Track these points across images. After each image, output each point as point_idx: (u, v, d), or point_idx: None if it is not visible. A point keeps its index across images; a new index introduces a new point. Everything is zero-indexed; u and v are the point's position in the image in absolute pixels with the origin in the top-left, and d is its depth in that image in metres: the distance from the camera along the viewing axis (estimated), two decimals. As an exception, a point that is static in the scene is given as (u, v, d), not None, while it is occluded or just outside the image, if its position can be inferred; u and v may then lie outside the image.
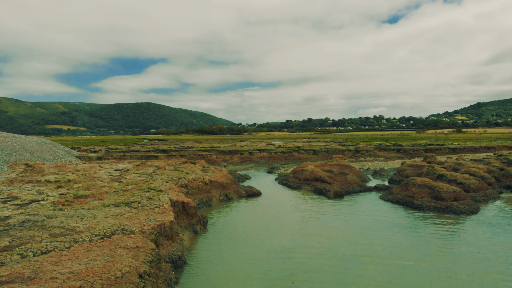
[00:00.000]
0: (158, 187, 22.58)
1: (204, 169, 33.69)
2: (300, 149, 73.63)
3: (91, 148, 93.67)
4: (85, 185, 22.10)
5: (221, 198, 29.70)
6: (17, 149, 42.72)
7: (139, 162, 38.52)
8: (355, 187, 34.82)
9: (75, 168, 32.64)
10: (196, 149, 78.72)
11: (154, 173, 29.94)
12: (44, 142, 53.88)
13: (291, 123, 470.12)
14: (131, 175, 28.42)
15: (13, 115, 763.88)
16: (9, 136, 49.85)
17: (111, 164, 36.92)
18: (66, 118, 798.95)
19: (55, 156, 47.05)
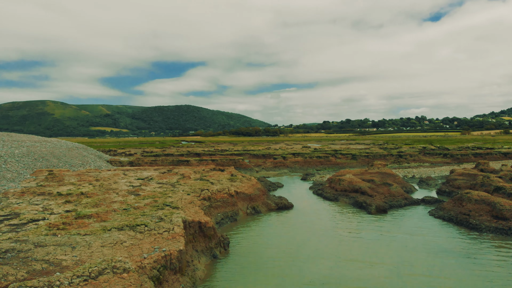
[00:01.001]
0: (175, 203, 20.21)
1: (232, 178, 31.14)
2: (337, 153, 69.74)
3: (127, 151, 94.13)
4: (95, 200, 20.09)
5: (248, 212, 27.01)
6: (45, 154, 42.15)
7: (165, 169, 36.65)
8: (400, 200, 31.02)
9: (96, 176, 31.10)
10: (229, 152, 76.70)
11: (177, 183, 27.73)
12: (75, 146, 53.53)
13: (328, 124, 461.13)
14: (152, 186, 26.33)
15: (59, 118, 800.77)
16: (40, 141, 49.77)
17: (136, 172, 35.23)
18: (109, 120, 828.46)
19: (83, 161, 46.26)
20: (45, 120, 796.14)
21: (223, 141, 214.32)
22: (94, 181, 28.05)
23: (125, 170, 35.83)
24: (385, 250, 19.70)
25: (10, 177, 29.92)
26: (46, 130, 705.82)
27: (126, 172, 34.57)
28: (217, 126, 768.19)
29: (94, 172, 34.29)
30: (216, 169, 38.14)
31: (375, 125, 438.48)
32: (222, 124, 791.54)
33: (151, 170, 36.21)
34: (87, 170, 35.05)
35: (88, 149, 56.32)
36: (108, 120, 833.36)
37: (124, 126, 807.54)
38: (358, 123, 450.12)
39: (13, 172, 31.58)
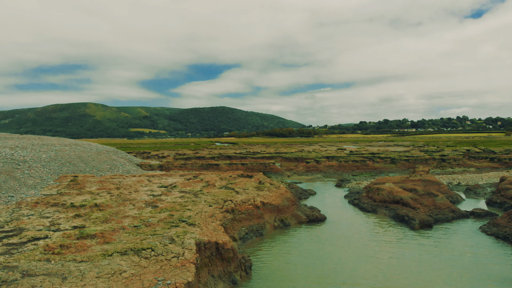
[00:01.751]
0: (193, 218, 18.26)
1: (259, 187, 28.95)
2: (375, 156, 66.00)
3: (160, 153, 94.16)
4: (107, 214, 18.49)
5: (275, 224, 24.70)
6: (73, 159, 41.69)
7: (191, 175, 35.01)
8: (447, 213, 27.67)
9: (119, 183, 29.83)
10: (261, 155, 74.60)
11: (200, 192, 25.86)
12: (105, 150, 53.20)
13: (365, 125, 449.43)
14: (173, 195, 24.60)
15: (100, 119, 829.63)
16: (70, 144, 49.71)
17: (161, 178, 33.80)
18: (148, 121, 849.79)
19: (112, 165, 45.57)
20: (86, 121, 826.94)
21: (256, 142, 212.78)
22: (114, 189, 26.71)
23: (150, 176, 34.48)
24: (434, 276, 16.86)
25: (32, 183, 29.19)
26: (88, 131, 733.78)
27: (150, 179, 33.20)
28: (251, 127, 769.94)
29: (118, 178, 33.15)
30: (244, 175, 36.09)
31: (414, 125, 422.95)
32: (256, 125, 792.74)
33: (176, 176, 34.66)
34: (111, 176, 33.98)
35: (118, 152, 55.95)
36: (146, 122, 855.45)
37: (162, 128, 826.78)
38: (397, 123, 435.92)
39: (35, 178, 30.91)
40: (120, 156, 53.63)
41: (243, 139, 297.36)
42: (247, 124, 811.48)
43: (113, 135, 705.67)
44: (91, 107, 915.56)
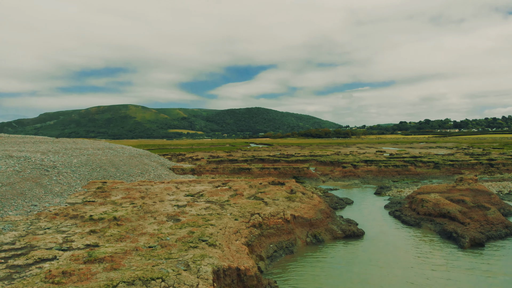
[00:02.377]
0: (215, 236, 16.64)
1: (290, 197, 26.97)
2: (417, 160, 62.13)
3: (194, 155, 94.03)
4: (124, 230, 17.23)
5: (308, 240, 22.65)
6: (104, 163, 41.40)
7: (220, 183, 33.56)
8: (500, 229, 24.55)
9: (146, 191, 28.82)
10: (294, 158, 72.35)
11: (227, 203, 24.27)
12: (138, 154, 52.95)
13: (405, 125, 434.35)
14: (198, 206, 23.14)
15: (140, 121, 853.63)
16: (103, 148, 49.72)
17: (190, 185, 32.58)
18: (186, 123, 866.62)
19: (143, 170, 45.04)
20: (127, 123, 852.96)
21: (291, 143, 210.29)
22: (139, 198, 25.65)
23: (178, 183, 33.34)
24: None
25: (58, 191, 28.72)
26: (129, 132, 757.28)
27: (179, 186, 32.05)
28: (286, 128, 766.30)
29: (146, 185, 32.23)
30: (275, 183, 34.22)
31: (457, 125, 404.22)
32: (291, 126, 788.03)
33: (205, 183, 33.32)
34: (139, 183, 33.14)
35: (151, 156, 55.65)
36: (184, 123, 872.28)
37: (199, 129, 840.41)
38: (438, 123, 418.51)
39: (63, 185, 30.50)
40: (153, 160, 53.21)
41: (278, 140, 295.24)
42: (282, 125, 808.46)
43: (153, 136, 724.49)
44: (132, 109, 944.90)
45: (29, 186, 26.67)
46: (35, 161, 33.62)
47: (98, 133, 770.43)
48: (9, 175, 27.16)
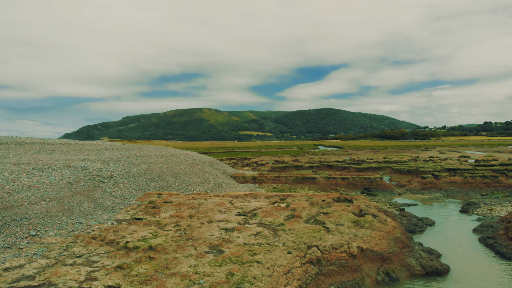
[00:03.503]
0: (259, 279, 13.57)
1: (358, 221, 22.94)
2: (508, 170, 53.72)
3: (259, 160, 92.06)
4: (153, 268, 14.83)
5: (378, 279, 18.61)
6: (163, 172, 40.37)
7: (278, 198, 30.42)
8: None
9: (197, 207, 26.66)
10: (366, 164, 66.79)
11: (281, 228, 21.06)
12: (200, 161, 51.73)
13: (490, 126, 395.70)
14: (248, 232, 20.25)
15: (213, 123, 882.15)
16: (166, 156, 49.07)
17: (245, 200, 29.90)
18: (256, 125, 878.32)
19: (203, 179, 43.46)
20: (201, 125, 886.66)
21: (363, 146, 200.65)
22: (187, 217, 23.44)
23: (233, 198, 30.82)
24: None
25: (109, 205, 27.64)
26: (203, 134, 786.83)
27: (233, 200, 29.52)
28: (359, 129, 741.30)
29: (200, 198, 30.17)
30: (341, 199, 30.25)
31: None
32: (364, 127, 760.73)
33: (261, 198, 30.40)
34: (193, 196, 31.20)
35: (213, 163, 54.24)
36: (254, 125, 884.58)
37: (268, 130, 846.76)
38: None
39: (116, 198, 29.48)
40: (215, 167, 51.70)
41: (349, 142, 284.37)
42: (354, 126, 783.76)
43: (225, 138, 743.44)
44: (206, 112, 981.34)
45: (79, 201, 25.79)
46: (92, 171, 33.24)
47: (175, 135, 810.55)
48: (60, 188, 26.57)
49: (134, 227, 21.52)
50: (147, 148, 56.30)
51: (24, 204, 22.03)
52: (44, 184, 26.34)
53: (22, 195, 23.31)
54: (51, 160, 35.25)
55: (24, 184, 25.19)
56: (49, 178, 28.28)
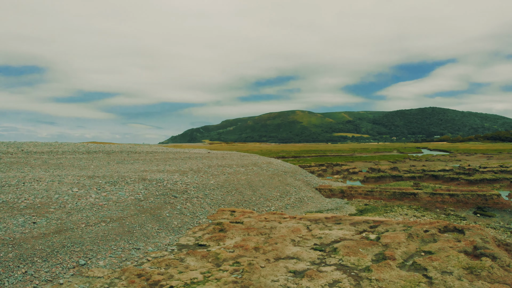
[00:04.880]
0: None
1: (472, 266, 17.08)
2: None
3: (351, 167, 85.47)
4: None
5: None
6: (241, 185, 37.62)
7: (367, 225, 25.29)
8: None
9: (267, 235, 23.05)
10: (479, 176, 56.73)
11: (366, 276, 16.30)
12: (282, 171, 48.20)
13: None
14: (321, 280, 15.97)
15: (306, 125, 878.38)
16: (247, 165, 46.32)
17: (325, 226, 25.43)
18: (351, 126, 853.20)
19: (283, 192, 39.82)
20: (295, 127, 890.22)
21: (474, 150, 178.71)
22: (252, 249, 19.92)
23: (312, 222, 26.52)
24: None
25: (176, 225, 25.43)
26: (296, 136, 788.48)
27: (311, 226, 25.27)
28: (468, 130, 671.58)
29: (273, 220, 26.50)
30: (448, 228, 24.05)
31: None
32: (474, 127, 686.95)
33: (346, 224, 25.58)
34: (266, 217, 27.60)
35: (297, 173, 50.28)
36: (349, 126, 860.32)
37: (365, 132, 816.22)
38: None
39: (185, 216, 27.27)
40: (298, 178, 47.71)
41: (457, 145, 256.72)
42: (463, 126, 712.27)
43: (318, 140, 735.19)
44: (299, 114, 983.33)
45: (143, 221, 23.95)
46: (167, 184, 31.71)
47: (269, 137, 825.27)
48: (125, 206, 25.09)
49: (191, 260, 18.65)
50: (230, 156, 54.52)
51: (81, 227, 20.63)
52: (110, 202, 25.10)
53: (82, 215, 22.08)
54: (128, 172, 34.77)
55: (88, 202, 24.15)
56: (118, 193, 27.15)
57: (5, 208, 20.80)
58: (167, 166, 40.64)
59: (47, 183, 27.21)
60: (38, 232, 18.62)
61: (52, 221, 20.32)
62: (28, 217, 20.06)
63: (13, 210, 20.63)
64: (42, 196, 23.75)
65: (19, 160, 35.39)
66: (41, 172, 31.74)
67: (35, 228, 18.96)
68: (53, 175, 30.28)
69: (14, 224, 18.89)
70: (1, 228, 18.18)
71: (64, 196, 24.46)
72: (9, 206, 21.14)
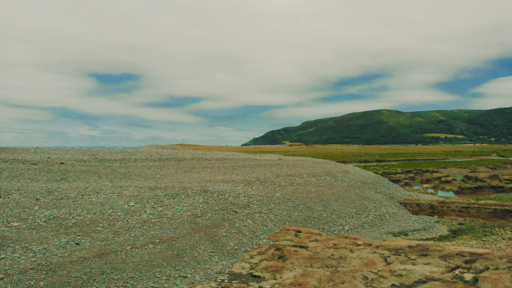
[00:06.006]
0: None
1: None
2: None
3: (444, 175, 76.39)
4: None
5: None
6: (311, 198, 34.01)
7: (461, 260, 20.23)
8: None
9: (333, 268, 19.37)
10: None
11: None
12: (361, 182, 43.45)
13: None
14: None
15: (393, 125, 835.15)
16: (320, 175, 42.35)
17: (407, 259, 20.91)
18: (443, 126, 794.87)
19: (360, 208, 35.39)
20: (380, 128, 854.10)
21: None
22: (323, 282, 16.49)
23: (391, 252, 22.10)
24: None
25: (233, 246, 22.87)
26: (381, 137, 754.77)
27: (390, 258, 20.96)
28: None
29: (343, 248, 22.63)
30: None
31: None
32: None
33: (435, 257, 20.75)
34: (336, 243, 23.74)
35: (378, 184, 45.05)
36: (442, 126, 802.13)
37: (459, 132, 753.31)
38: None
39: (244, 235, 24.62)
40: (379, 190, 42.58)
41: None
42: None
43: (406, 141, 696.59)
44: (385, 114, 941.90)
45: (195, 242, 21.77)
46: (228, 197, 29.43)
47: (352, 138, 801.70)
48: (179, 223, 23.18)
49: (237, 299, 15.85)
50: (302, 164, 50.98)
51: (126, 249, 18.98)
52: (163, 218, 23.40)
53: (130, 234, 20.52)
54: (192, 182, 33.25)
55: (141, 219, 22.65)
56: (175, 208, 25.45)
57: (53, 225, 20.01)
58: (233, 175, 38.57)
59: (106, 195, 26.53)
60: (78, 256, 17.26)
61: (97, 242, 18.96)
62: (72, 236, 18.93)
63: (60, 228, 19.72)
64: (95, 211, 22.80)
65: (89, 168, 35.90)
66: (105, 182, 31.51)
67: (76, 251, 17.66)
68: (115, 186, 29.77)
69: (56, 245, 17.78)
70: (41, 250, 17.14)
71: (118, 211, 23.30)
72: (58, 223, 20.33)
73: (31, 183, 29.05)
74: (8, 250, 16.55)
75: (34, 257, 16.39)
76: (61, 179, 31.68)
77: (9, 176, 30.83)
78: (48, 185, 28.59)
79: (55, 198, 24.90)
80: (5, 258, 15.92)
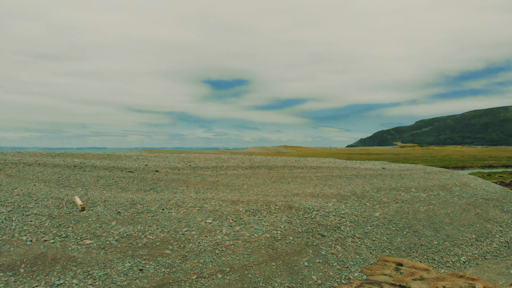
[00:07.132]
0: None
1: None
2: None
3: None
4: None
5: None
6: (418, 219, 28.60)
7: None
8: None
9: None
10: None
11: None
12: (484, 198, 36.10)
13: None
14: None
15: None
16: (432, 188, 35.81)
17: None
18: None
19: (481, 232, 28.88)
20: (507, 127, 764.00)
21: None
22: None
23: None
24: None
25: (315, 280, 19.38)
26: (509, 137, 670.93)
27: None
28: None
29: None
30: None
31: None
32: None
33: None
34: (446, 285, 18.79)
35: (505, 200, 36.84)
36: None
37: None
38: None
39: (331, 266, 21.01)
40: (507, 209, 34.67)
41: None
42: None
43: None
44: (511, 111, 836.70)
45: (270, 273, 18.93)
46: (315, 216, 25.98)
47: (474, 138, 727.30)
48: (255, 247, 20.50)
49: None
50: (410, 174, 44.50)
51: (191, 279, 17.01)
52: (238, 241, 21.10)
53: (199, 260, 18.55)
54: (277, 196, 30.49)
55: (214, 240, 20.64)
56: (253, 228, 23.01)
57: (123, 245, 19.08)
58: (325, 188, 34.78)
59: (186, 209, 25.32)
60: (137, 286, 15.80)
61: (161, 268, 17.39)
62: (138, 260, 17.66)
63: (129, 250, 18.67)
64: (169, 229, 21.52)
65: (180, 177, 35.65)
66: (191, 193, 30.58)
67: (137, 279, 16.24)
68: (198, 198, 28.55)
69: (118, 271, 16.60)
70: (101, 276, 16.06)
71: (193, 230, 21.72)
72: (128, 243, 19.37)
73: (120, 193, 29.37)
74: (69, 275, 15.80)
75: (92, 285, 15.37)
76: (150, 189, 31.68)
77: (104, 184, 31.80)
78: (135, 196, 28.55)
79: (136, 211, 24.40)
80: (62, 284, 15.14)
